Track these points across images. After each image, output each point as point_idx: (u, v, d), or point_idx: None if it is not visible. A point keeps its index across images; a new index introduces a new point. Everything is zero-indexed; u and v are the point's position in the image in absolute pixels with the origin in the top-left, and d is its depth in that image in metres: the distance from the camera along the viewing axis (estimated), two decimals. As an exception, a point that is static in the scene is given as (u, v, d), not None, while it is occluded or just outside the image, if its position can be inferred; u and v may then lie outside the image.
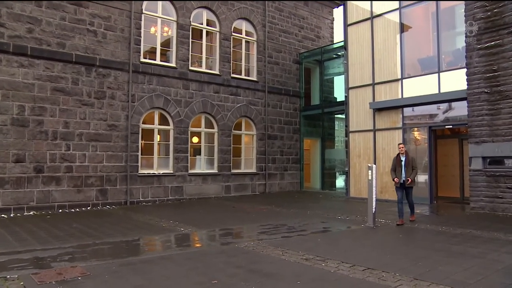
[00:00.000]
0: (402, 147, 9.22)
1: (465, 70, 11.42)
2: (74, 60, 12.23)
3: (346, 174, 15.19)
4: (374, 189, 8.72)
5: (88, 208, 12.32)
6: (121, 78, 13.22)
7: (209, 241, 7.76)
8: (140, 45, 13.71)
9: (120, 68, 13.16)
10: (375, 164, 12.71)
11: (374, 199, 8.69)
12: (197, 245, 7.61)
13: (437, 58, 12.54)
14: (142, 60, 13.78)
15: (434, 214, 10.85)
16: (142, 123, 13.78)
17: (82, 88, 12.42)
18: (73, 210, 11.93)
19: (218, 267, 5.54)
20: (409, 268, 5.42)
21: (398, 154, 9.25)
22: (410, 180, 8.96)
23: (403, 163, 9.08)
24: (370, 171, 8.79)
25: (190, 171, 14.81)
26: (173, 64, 14.59)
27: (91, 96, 12.57)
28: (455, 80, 11.85)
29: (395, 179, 9.10)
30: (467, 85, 11.30)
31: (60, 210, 11.75)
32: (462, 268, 5.38)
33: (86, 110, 12.47)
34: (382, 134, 13.89)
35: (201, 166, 15.38)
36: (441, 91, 12.25)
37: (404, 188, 9.17)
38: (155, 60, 14.22)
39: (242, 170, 16.57)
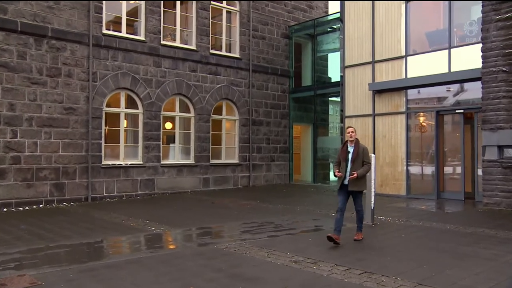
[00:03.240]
0: (352, 132, 7.33)
1: (480, 45, 11.45)
2: (19, 29, 11.84)
3: (342, 165, 15.25)
4: (373, 182, 8.77)
5: (41, 205, 12.12)
6: (80, 53, 12.93)
7: (185, 242, 7.76)
8: (101, 13, 13.40)
9: (78, 40, 12.85)
10: (374, 154, 12.78)
11: (372, 194, 8.77)
12: (171, 246, 7.61)
13: (447, 32, 12.60)
14: (105, 31, 13.49)
15: (441, 211, 11.02)
16: (106, 106, 13.56)
17: (31, 63, 12.09)
18: (21, 208, 11.71)
19: (195, 271, 5.54)
20: (412, 271, 5.48)
21: (346, 143, 7.49)
22: (355, 174, 7.09)
23: (350, 155, 7.29)
24: (369, 162, 8.82)
25: (163, 162, 14.71)
26: (141, 37, 14.33)
27: (42, 74, 12.26)
28: (469, 57, 11.94)
29: (337, 172, 7.34)
30: (482, 62, 11.35)
31: (5, 209, 11.50)
32: (472, 272, 5.46)
33: (37, 90, 12.17)
34: (382, 119, 13.99)
35: (175, 156, 15.28)
36: (452, 70, 12.34)
37: (350, 193, 7.32)
38: (120, 32, 13.95)
39: (222, 161, 16.54)
